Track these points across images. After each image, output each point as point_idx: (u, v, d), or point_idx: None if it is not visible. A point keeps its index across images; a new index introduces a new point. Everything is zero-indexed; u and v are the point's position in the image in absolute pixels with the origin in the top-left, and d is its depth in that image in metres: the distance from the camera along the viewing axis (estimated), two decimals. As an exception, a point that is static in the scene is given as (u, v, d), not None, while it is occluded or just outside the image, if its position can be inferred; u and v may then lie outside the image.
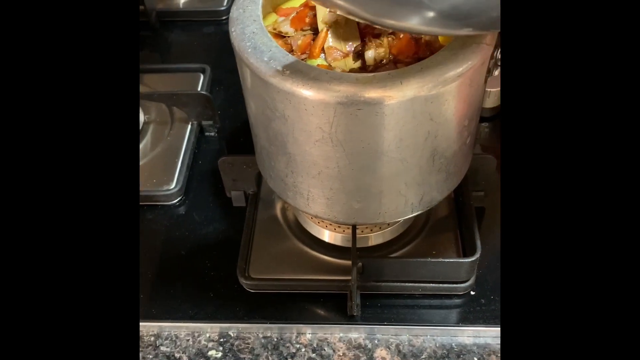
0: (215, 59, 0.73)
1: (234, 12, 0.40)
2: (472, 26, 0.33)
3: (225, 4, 0.80)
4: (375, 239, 0.52)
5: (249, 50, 0.37)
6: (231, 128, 0.65)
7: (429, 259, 0.47)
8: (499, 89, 0.62)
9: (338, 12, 0.35)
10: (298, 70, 0.36)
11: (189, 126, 0.63)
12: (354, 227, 0.48)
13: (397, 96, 0.35)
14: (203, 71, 0.69)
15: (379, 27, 0.40)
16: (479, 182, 0.53)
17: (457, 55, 0.36)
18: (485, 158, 0.52)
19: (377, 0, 0.31)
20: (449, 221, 0.54)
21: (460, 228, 0.53)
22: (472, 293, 0.49)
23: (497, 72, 0.40)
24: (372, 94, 0.35)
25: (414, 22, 0.31)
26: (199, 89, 0.67)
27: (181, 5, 0.82)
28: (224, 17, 0.79)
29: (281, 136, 0.40)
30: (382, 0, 0.31)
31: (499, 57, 0.40)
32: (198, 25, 0.79)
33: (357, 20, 0.35)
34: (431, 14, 0.30)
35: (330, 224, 0.51)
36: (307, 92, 0.36)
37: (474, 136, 0.45)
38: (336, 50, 0.40)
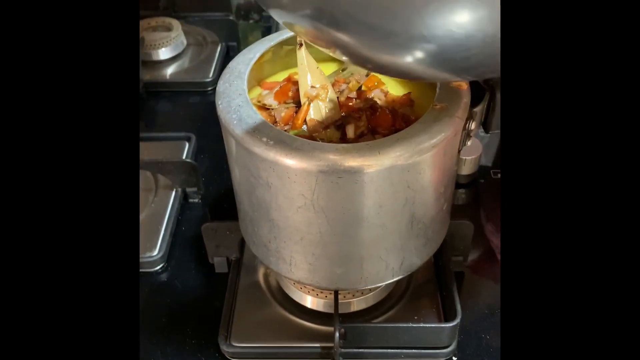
0: (201, 127, 0.75)
1: (221, 86, 0.43)
2: (470, 69, 0.32)
3: (210, 75, 0.83)
4: (357, 304, 0.52)
5: (235, 122, 0.39)
6: (215, 195, 0.66)
7: (411, 324, 0.48)
8: (474, 156, 0.64)
9: (332, 52, 0.34)
10: (281, 141, 0.38)
11: (173, 193, 0.64)
12: (336, 293, 0.48)
13: (376, 165, 0.37)
14: (188, 139, 0.71)
15: (370, 68, 0.41)
16: (457, 247, 0.55)
17: (431, 127, 0.38)
18: (462, 224, 0.53)
19: (374, 33, 0.29)
20: (429, 286, 0.55)
21: (441, 293, 0.53)
22: (454, 359, 0.49)
23: (469, 143, 0.43)
24: (352, 163, 0.37)
25: (409, 60, 0.30)
26: (184, 157, 0.69)
27: (168, 77, 0.85)
28: (209, 88, 0.82)
29: (265, 203, 0.41)
30: (379, 34, 0.29)
31: (471, 128, 0.42)
32: (184, 96, 0.82)
33: (350, 58, 0.34)
34: (431, 48, 0.28)
35: (313, 290, 0.52)
36: (290, 161, 0.37)
37: (450, 202, 0.46)
38: (317, 122, 0.42)
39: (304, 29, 0.33)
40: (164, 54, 0.86)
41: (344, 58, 0.35)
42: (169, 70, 0.86)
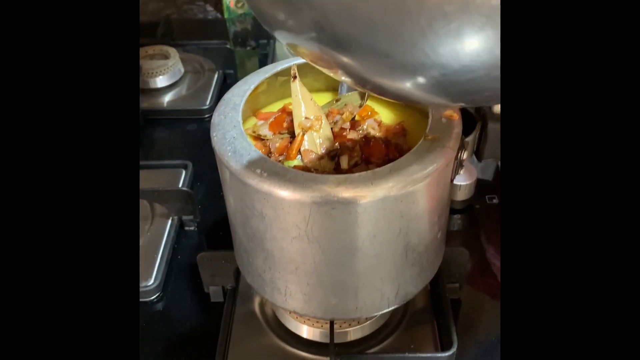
0: (197, 155, 0.75)
1: (216, 118, 0.43)
2: (474, 93, 0.31)
3: (208, 103, 0.84)
4: (354, 333, 0.52)
5: (229, 154, 0.40)
6: (211, 222, 0.66)
7: (407, 354, 0.48)
8: (469, 182, 0.65)
9: (334, 73, 0.33)
10: (275, 173, 0.38)
11: (169, 221, 0.64)
12: (332, 323, 0.48)
13: (369, 196, 0.37)
14: (185, 167, 0.72)
15: (369, 90, 0.40)
16: (453, 274, 0.55)
17: (424, 158, 0.39)
18: (457, 250, 0.54)
19: (375, 55, 0.28)
20: (425, 314, 0.54)
21: (437, 321, 0.53)
22: (452, 388, 0.49)
23: (462, 172, 0.43)
24: (346, 194, 0.37)
25: (410, 84, 0.29)
26: (180, 185, 0.69)
27: (165, 104, 0.86)
28: (206, 116, 0.83)
29: (259, 233, 0.42)
30: (381, 56, 0.28)
31: (463, 158, 0.43)
32: (181, 123, 0.83)
33: (350, 80, 0.34)
34: (435, 71, 0.28)
35: (309, 319, 0.52)
36: (284, 193, 0.38)
37: (445, 230, 0.47)
38: (312, 153, 0.43)
39: (307, 50, 0.32)
40: (161, 81, 0.87)
41: (344, 79, 0.35)
42: (167, 98, 0.87)
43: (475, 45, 0.25)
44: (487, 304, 0.57)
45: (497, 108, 0.44)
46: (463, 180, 0.65)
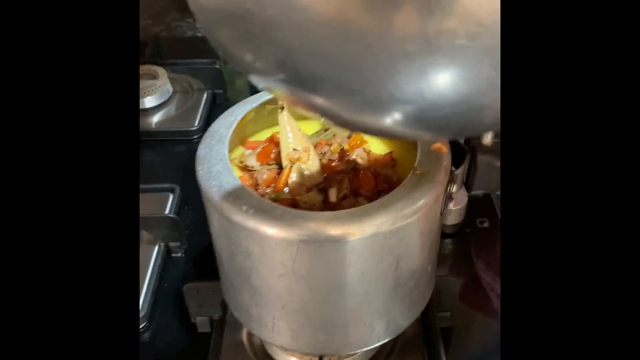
0: (185, 178, 0.74)
1: (201, 151, 0.42)
2: (454, 128, 0.30)
3: (196, 123, 0.83)
4: (343, 365, 0.51)
5: (214, 189, 0.39)
6: (199, 248, 0.65)
7: (398, 388, 0.47)
8: (459, 207, 0.64)
9: (312, 114, 0.34)
10: (261, 210, 0.37)
11: (156, 247, 0.63)
12: (321, 357, 0.47)
13: (358, 233, 0.37)
14: (172, 191, 0.71)
15: (351, 129, 0.40)
16: (444, 302, 0.54)
17: (413, 194, 0.38)
18: (448, 280, 0.53)
19: (345, 95, 0.28)
20: (417, 342, 0.54)
21: (429, 351, 0.52)
22: (443, 422, 0.48)
23: (451, 205, 0.43)
24: (334, 231, 0.36)
25: (387, 121, 0.29)
26: (167, 209, 0.68)
27: (154, 125, 0.85)
28: (195, 137, 0.82)
29: (245, 270, 0.41)
30: (349, 95, 0.28)
31: (453, 191, 0.42)
32: (169, 145, 0.82)
33: (328, 120, 0.34)
34: (408, 108, 0.27)
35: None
36: (270, 230, 0.37)
37: (435, 263, 0.46)
38: (299, 186, 0.42)
39: (280, 92, 0.32)
40: (149, 102, 0.86)
41: (324, 120, 0.34)
42: (155, 119, 0.86)
43: (440, 84, 0.25)
44: (479, 330, 0.57)
45: (486, 139, 0.43)
46: (453, 204, 0.64)
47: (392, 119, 0.29)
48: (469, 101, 0.26)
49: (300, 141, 0.44)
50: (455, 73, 0.25)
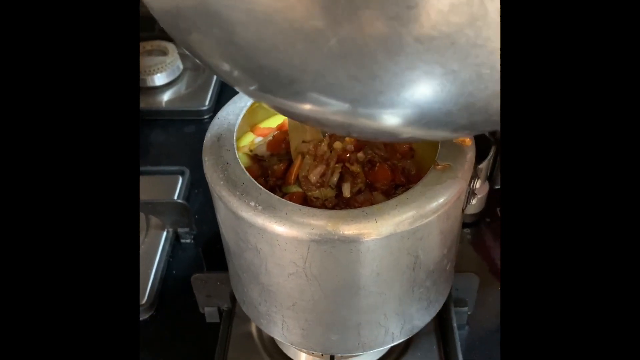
0: (195, 159, 0.72)
1: (208, 141, 0.40)
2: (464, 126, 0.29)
3: (207, 103, 0.81)
4: (355, 361, 0.49)
5: (222, 182, 0.37)
6: (208, 234, 0.63)
7: (412, 388, 0.45)
8: (480, 196, 0.61)
9: (318, 126, 0.32)
10: (271, 206, 0.35)
11: (165, 233, 0.61)
12: (332, 356, 0.45)
13: (373, 234, 0.34)
14: (182, 173, 0.69)
15: (356, 137, 0.38)
16: (461, 298, 0.52)
17: (433, 191, 0.35)
18: (468, 276, 0.51)
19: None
20: (432, 338, 0.52)
21: (445, 349, 0.50)
22: (459, 423, 0.46)
23: (474, 201, 0.40)
24: (347, 231, 0.34)
25: (391, 123, 0.27)
26: (176, 193, 0.66)
27: (164, 104, 0.82)
28: (205, 117, 0.80)
29: (254, 267, 0.39)
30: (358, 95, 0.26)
31: (476, 187, 0.39)
32: (179, 125, 0.79)
33: (326, 129, 0.33)
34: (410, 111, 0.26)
35: (308, 347, 0.49)
36: (279, 229, 0.34)
37: (454, 261, 0.43)
38: (311, 179, 0.40)
39: (272, 105, 0.31)
40: (159, 79, 0.84)
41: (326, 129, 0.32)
42: (165, 97, 0.83)
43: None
44: (496, 326, 0.54)
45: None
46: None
47: (407, 118, 0.27)
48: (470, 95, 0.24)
49: (311, 132, 0.41)
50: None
